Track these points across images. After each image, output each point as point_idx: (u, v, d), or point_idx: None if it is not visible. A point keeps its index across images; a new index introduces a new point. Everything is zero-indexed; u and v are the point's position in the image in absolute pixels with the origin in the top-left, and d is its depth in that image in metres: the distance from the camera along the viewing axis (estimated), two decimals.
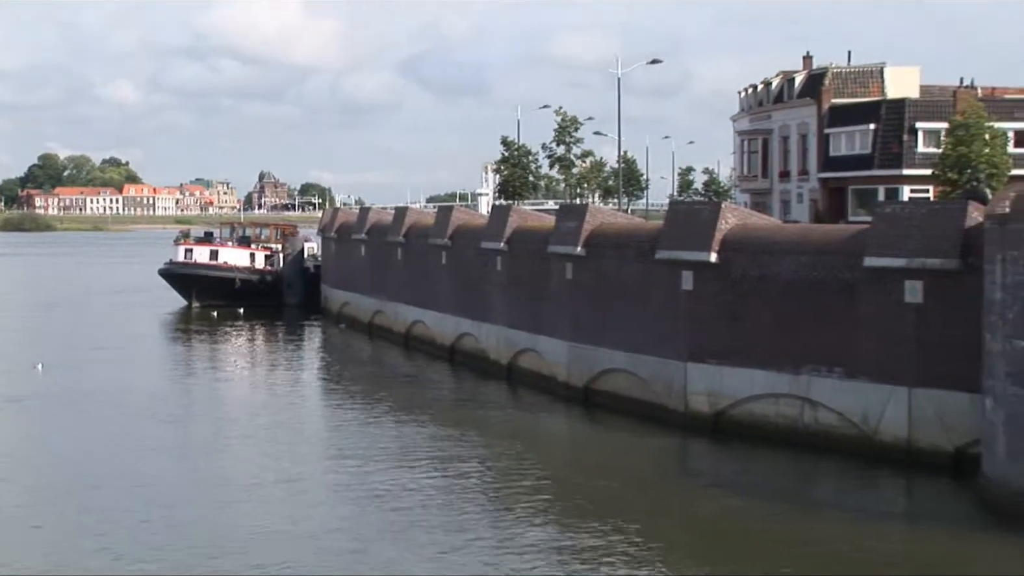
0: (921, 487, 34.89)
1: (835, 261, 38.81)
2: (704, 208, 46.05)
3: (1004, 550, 29.15)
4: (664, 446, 40.80)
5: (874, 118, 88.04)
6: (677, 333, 43.23)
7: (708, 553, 29.43)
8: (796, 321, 39.50)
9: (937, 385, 35.59)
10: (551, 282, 51.34)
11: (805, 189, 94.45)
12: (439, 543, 29.51)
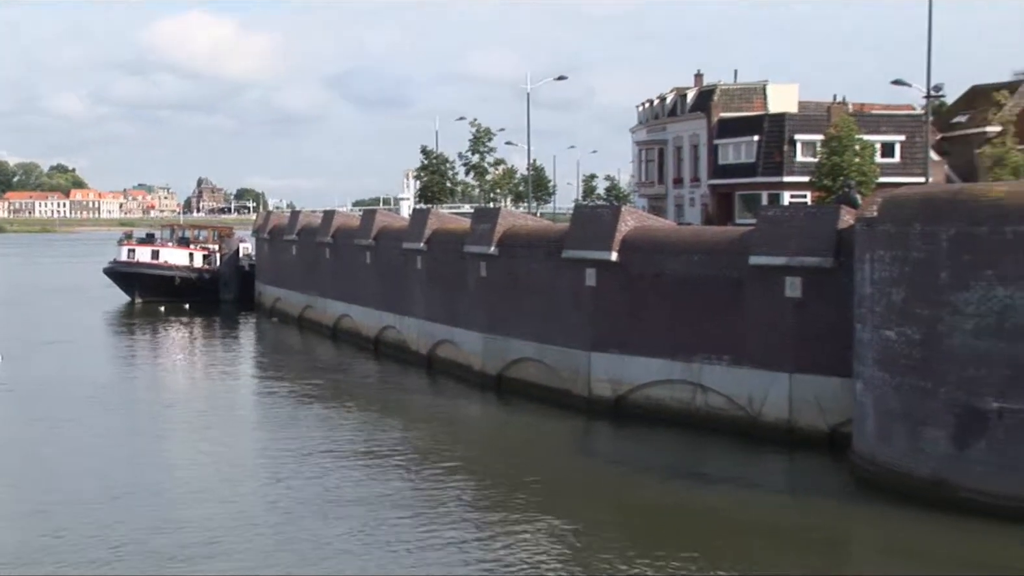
0: (800, 463, 35.28)
1: (724, 260, 39.19)
2: (606, 211, 46.26)
3: (871, 518, 29.50)
4: (570, 428, 41.00)
5: (758, 130, 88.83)
6: (582, 325, 43.48)
7: (609, 523, 29.58)
8: (689, 314, 39.82)
9: (814, 371, 36.09)
10: (467, 279, 51.45)
11: (697, 194, 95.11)
12: (362, 517, 29.53)
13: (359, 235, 65.20)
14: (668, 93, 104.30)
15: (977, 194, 30.80)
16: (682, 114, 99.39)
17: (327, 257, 70.99)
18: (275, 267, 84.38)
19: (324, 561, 26.13)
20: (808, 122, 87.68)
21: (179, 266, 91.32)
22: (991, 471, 28.38)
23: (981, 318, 28.63)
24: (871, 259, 32.03)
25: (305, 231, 76.37)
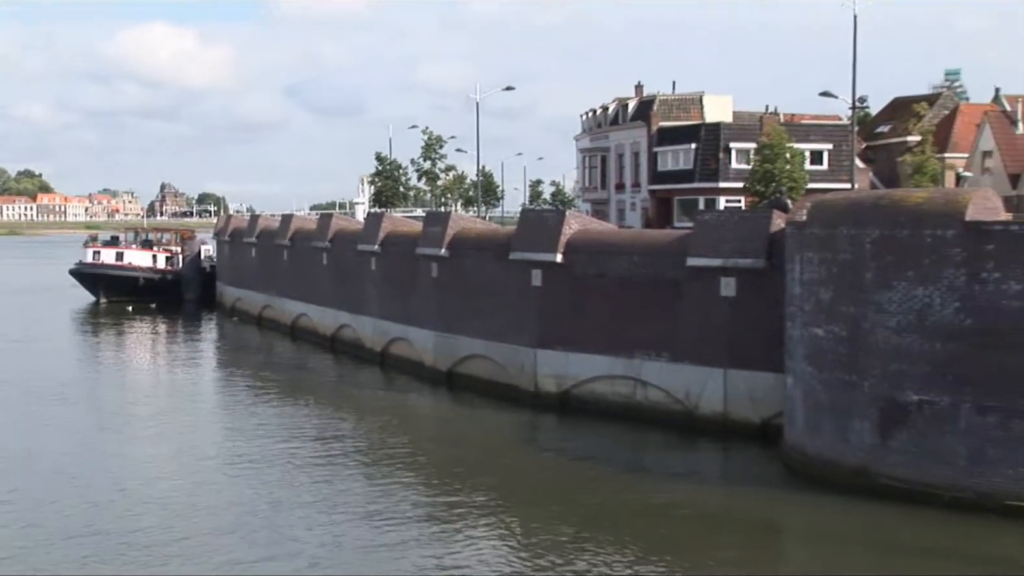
0: (734, 453, 35.50)
1: (663, 261, 39.41)
2: (551, 215, 46.41)
3: (801, 505, 29.85)
4: (517, 421, 41.10)
5: (695, 139, 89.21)
6: (528, 323, 43.60)
7: (555, 512, 29.56)
8: (629, 312, 40.02)
9: (747, 367, 36.38)
10: (419, 279, 51.46)
11: (637, 199, 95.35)
12: (317, 505, 29.59)
13: (316, 238, 65.13)
14: (610, 103, 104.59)
15: (899, 200, 31.17)
16: (623, 123, 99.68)
17: (285, 259, 70.84)
18: (235, 268, 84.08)
19: (276, 545, 26.13)
20: (742, 131, 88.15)
21: (142, 267, 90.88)
22: (912, 459, 28.73)
23: (903, 316, 28.98)
24: (801, 260, 32.33)
25: (264, 234, 76.17)
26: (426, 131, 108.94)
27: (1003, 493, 27.21)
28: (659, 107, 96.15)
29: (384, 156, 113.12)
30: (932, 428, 28.42)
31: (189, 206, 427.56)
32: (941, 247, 28.38)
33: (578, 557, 25.24)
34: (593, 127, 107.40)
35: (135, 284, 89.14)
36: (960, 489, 27.75)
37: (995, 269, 27.62)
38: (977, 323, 27.83)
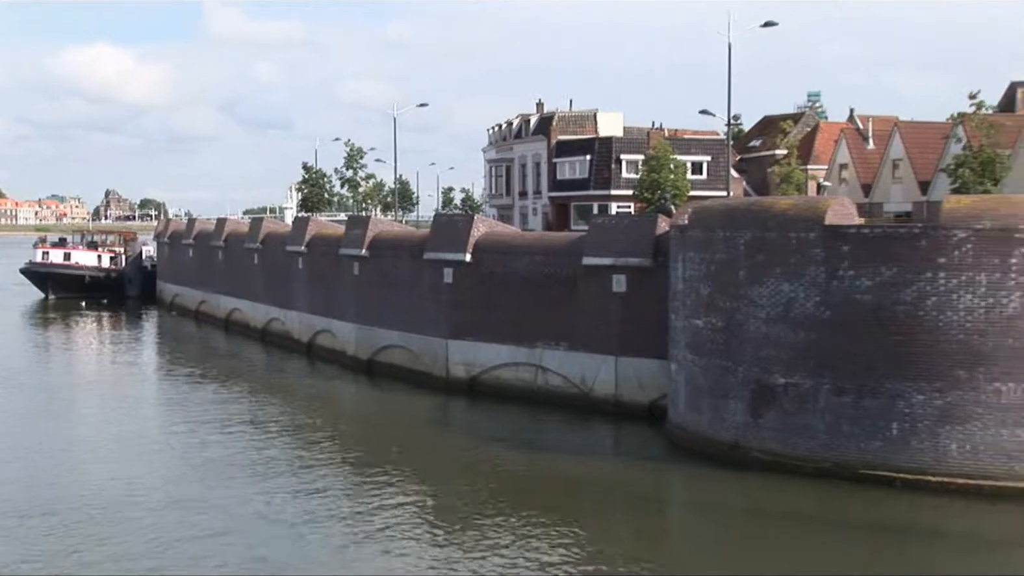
0: (625, 431, 35.73)
1: (561, 260, 39.62)
2: (461, 219, 46.52)
3: (683, 476, 30.37)
4: (431, 404, 41.13)
5: (590, 151, 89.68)
6: (440, 316, 43.64)
7: (463, 484, 29.71)
8: (531, 307, 40.18)
9: (636, 354, 36.65)
10: (342, 277, 51.30)
11: (539, 205, 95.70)
12: (249, 481, 29.38)
13: (248, 239, 64.62)
14: (514, 119, 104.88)
15: (768, 206, 31.64)
16: (526, 136, 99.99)
17: (220, 258, 70.19)
18: (174, 267, 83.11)
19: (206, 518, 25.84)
20: (631, 144, 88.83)
21: (88, 266, 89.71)
22: (779, 435, 29.19)
23: (771, 308, 29.41)
24: (683, 260, 32.69)
25: (201, 236, 75.42)
26: (348, 143, 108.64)
27: (856, 463, 27.74)
28: (558, 122, 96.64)
29: (310, 166, 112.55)
30: (796, 407, 28.90)
31: (132, 211, 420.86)
32: (804, 248, 28.85)
33: (486, 526, 25.33)
34: (499, 140, 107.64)
35: (81, 282, 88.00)
36: (820, 460, 28.25)
37: (849, 267, 28.14)
38: (834, 314, 28.33)
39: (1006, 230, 26.87)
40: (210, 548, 23.66)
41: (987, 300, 26.81)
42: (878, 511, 25.99)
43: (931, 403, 27.18)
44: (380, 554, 23.48)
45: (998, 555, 23.83)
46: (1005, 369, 26.70)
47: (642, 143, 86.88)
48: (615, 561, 23.11)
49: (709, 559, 24.19)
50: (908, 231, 28.50)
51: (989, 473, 26.72)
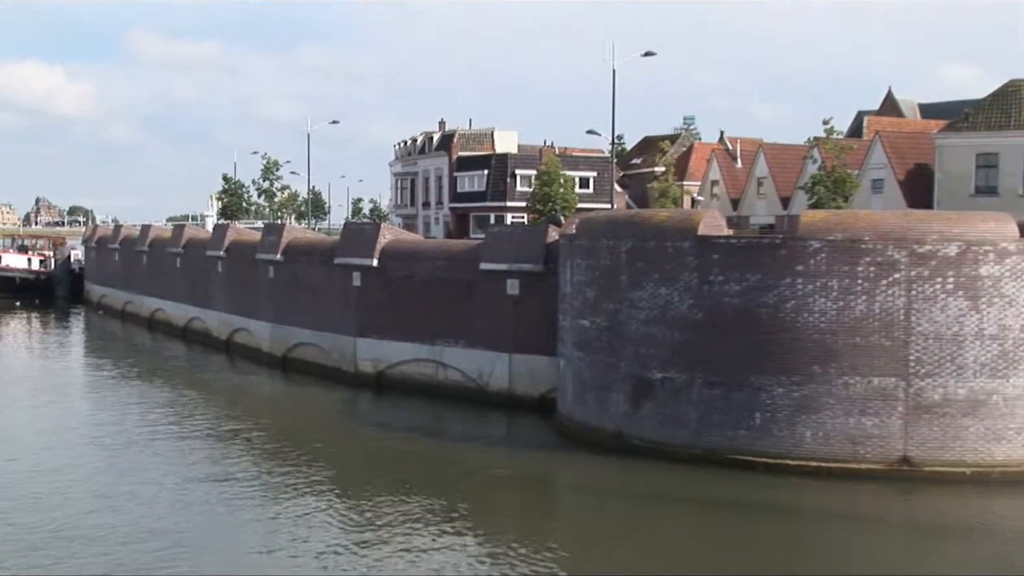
0: (518, 422, 35.75)
1: (460, 265, 39.59)
2: (369, 227, 46.29)
3: (570, 462, 30.49)
4: (341, 397, 40.83)
5: (487, 166, 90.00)
6: (349, 316, 43.36)
7: (369, 469, 29.68)
8: (433, 307, 40.09)
9: (528, 351, 36.72)
10: (258, 280, 50.72)
11: (440, 215, 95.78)
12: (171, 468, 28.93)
13: (171, 244, 63.59)
14: (418, 136, 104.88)
15: (647, 217, 32.01)
16: (429, 152, 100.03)
17: (144, 262, 68.95)
18: (101, 270, 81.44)
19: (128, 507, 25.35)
20: (525, 160, 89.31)
21: (19, 268, 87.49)
22: (656, 424, 29.51)
23: (650, 310, 29.70)
24: (571, 266, 32.88)
25: (126, 241, 74.08)
26: (265, 156, 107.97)
27: (725, 449, 28.17)
28: (458, 140, 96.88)
29: (229, 177, 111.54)
30: (672, 399, 29.24)
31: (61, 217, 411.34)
32: (679, 256, 29.19)
33: (390, 508, 25.22)
34: (404, 155, 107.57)
35: (12, 283, 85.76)
36: (693, 447, 28.62)
37: (719, 273, 28.55)
38: (706, 316, 28.71)
39: (854, 241, 27.51)
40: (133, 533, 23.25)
41: (838, 303, 27.41)
42: (743, 491, 26.43)
43: (790, 395, 27.70)
44: (290, 531, 23.26)
45: (845, 526, 24.37)
46: (852, 364, 27.32)
47: (535, 159, 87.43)
48: (510, 537, 23.16)
49: (595, 536, 24.38)
50: (770, 241, 29.00)
51: (838, 456, 27.33)
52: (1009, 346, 27.31)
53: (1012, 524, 25.10)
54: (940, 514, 25.76)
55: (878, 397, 27.21)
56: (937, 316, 27.19)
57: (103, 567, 20.79)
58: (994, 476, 27.01)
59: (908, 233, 27.50)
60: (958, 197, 61.39)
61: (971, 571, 21.81)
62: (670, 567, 21.70)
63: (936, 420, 27.16)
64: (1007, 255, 27.38)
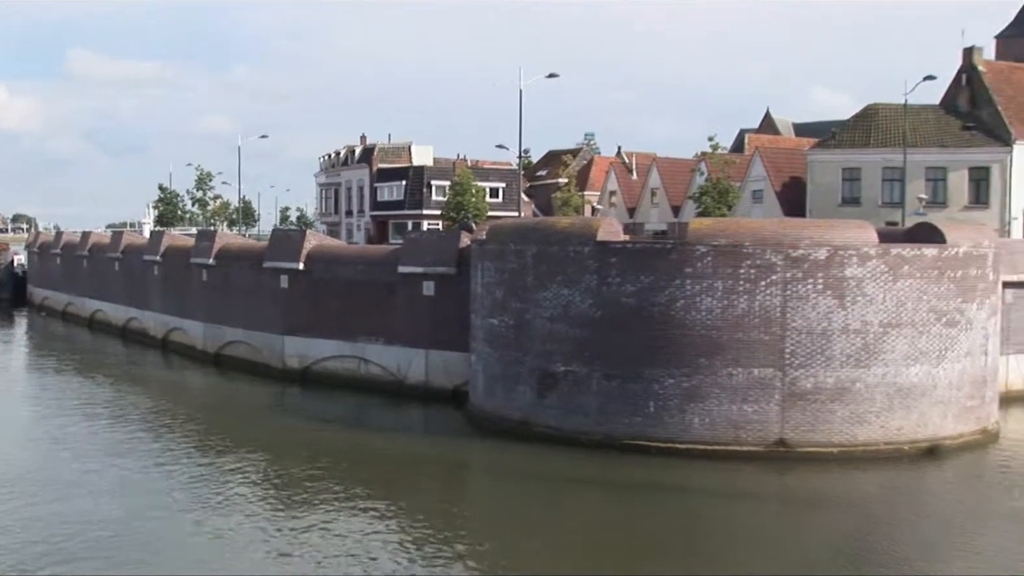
0: (433, 412, 35.72)
1: (380, 268, 39.37)
2: (295, 234, 45.95)
3: (482, 448, 30.55)
4: (270, 391, 40.32)
5: (405, 177, 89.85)
6: (277, 316, 42.87)
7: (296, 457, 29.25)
8: (355, 307, 39.83)
9: (443, 348, 36.66)
10: (192, 282, 49.93)
11: (362, 222, 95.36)
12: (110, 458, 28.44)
13: (110, 249, 62.29)
14: (341, 149, 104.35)
15: (551, 224, 32.20)
16: (351, 164, 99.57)
17: (85, 266, 67.47)
18: (44, 274, 79.51)
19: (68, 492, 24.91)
20: (440, 172, 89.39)
21: None
22: (559, 413, 29.66)
23: (553, 309, 29.83)
24: (481, 268, 32.89)
25: (68, 246, 72.39)
26: (199, 168, 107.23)
27: (621, 435, 28.45)
28: (378, 153, 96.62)
29: (165, 187, 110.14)
30: (574, 390, 29.41)
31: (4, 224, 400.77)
32: (580, 259, 29.38)
33: (316, 492, 25.07)
34: (328, 167, 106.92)
35: None
36: (593, 433, 28.85)
37: (616, 275, 28.80)
38: (604, 314, 28.95)
39: (737, 246, 27.96)
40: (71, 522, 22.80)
41: (722, 302, 27.84)
42: (639, 473, 26.73)
43: (680, 385, 28.05)
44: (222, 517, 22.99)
45: (729, 502, 24.72)
46: (735, 357, 27.78)
47: (449, 171, 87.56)
48: (427, 517, 23.14)
49: (503, 514, 24.51)
50: (662, 246, 29.36)
51: (722, 440, 27.77)
52: (870, 339, 28.04)
53: (873, 496, 25.72)
54: (811, 489, 26.35)
55: (758, 386, 27.71)
56: (809, 313, 27.78)
57: (41, 557, 20.30)
58: (857, 454, 27.75)
59: (784, 239, 28.05)
60: (827, 206, 62.87)
61: (837, 537, 22.31)
62: (573, 542, 21.86)
63: (808, 406, 27.78)
64: (868, 259, 28.10)
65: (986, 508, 25.36)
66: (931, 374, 28.79)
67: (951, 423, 29.31)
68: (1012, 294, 36.79)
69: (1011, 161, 62.73)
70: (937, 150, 62.62)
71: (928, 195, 61.24)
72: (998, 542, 22.20)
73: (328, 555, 20.56)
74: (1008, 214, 62.55)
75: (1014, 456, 30.06)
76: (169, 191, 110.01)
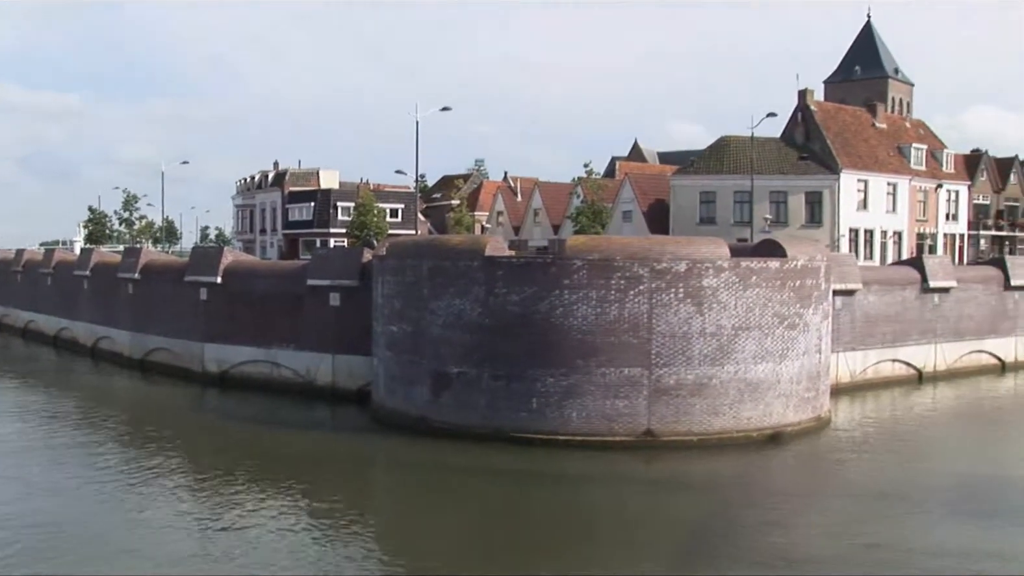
0: (339, 411, 35.15)
1: (291, 281, 38.59)
2: (213, 250, 44.83)
3: (384, 443, 29.98)
4: (191, 394, 39.11)
5: (314, 199, 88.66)
6: (198, 325, 41.63)
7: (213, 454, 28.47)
8: (268, 317, 38.92)
9: (348, 352, 36.13)
10: (119, 295, 48.16)
11: (275, 240, 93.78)
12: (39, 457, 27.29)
13: (42, 265, 59.84)
14: (256, 173, 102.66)
15: (444, 241, 31.94)
16: (265, 187, 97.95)
17: (19, 280, 64.64)
18: None
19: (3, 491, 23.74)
20: (345, 194, 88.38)
21: None
22: (453, 410, 29.39)
23: (447, 317, 29.59)
24: (382, 281, 32.48)
25: (2, 263, 69.15)
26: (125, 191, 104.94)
27: (509, 428, 28.33)
28: (290, 177, 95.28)
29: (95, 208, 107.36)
30: (465, 389, 29.18)
31: None
32: (470, 273, 29.19)
33: (234, 486, 24.37)
34: (244, 190, 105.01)
35: None
36: (483, 428, 28.64)
37: (503, 287, 28.68)
38: (492, 322, 28.77)
39: (608, 260, 28.11)
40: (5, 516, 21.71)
41: (596, 310, 27.94)
42: (524, 462, 26.58)
43: (559, 384, 28.03)
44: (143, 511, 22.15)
45: (603, 486, 24.84)
46: (608, 358, 27.89)
47: (353, 193, 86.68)
48: (334, 507, 22.65)
49: (405, 502, 24.18)
50: (543, 261, 29.32)
51: (597, 432, 27.85)
52: (724, 341, 28.45)
53: (728, 477, 26.08)
54: (675, 473, 26.55)
55: (627, 384, 27.87)
56: (672, 319, 28.06)
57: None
58: (713, 442, 28.11)
59: (649, 253, 28.30)
60: (687, 225, 63.92)
61: (699, 514, 22.50)
62: (467, 526, 21.63)
63: (671, 400, 28.04)
64: (722, 270, 28.52)
65: (819, 485, 26.01)
66: (775, 370, 29.36)
67: (792, 412, 29.93)
68: (841, 300, 37.89)
69: (839, 187, 64.89)
70: (779, 177, 64.37)
71: (772, 215, 62.83)
72: (831, 516, 22.71)
73: (238, 546, 19.84)
74: (837, 231, 64.57)
75: (843, 439, 30.89)
76: (98, 212, 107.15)
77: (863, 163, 67.47)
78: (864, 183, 67.00)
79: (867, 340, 39.99)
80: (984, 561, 19.12)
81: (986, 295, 45.76)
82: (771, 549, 19.88)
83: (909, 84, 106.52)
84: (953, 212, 76.54)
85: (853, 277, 38.96)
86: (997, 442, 32.24)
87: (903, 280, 42.03)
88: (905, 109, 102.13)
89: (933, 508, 23.23)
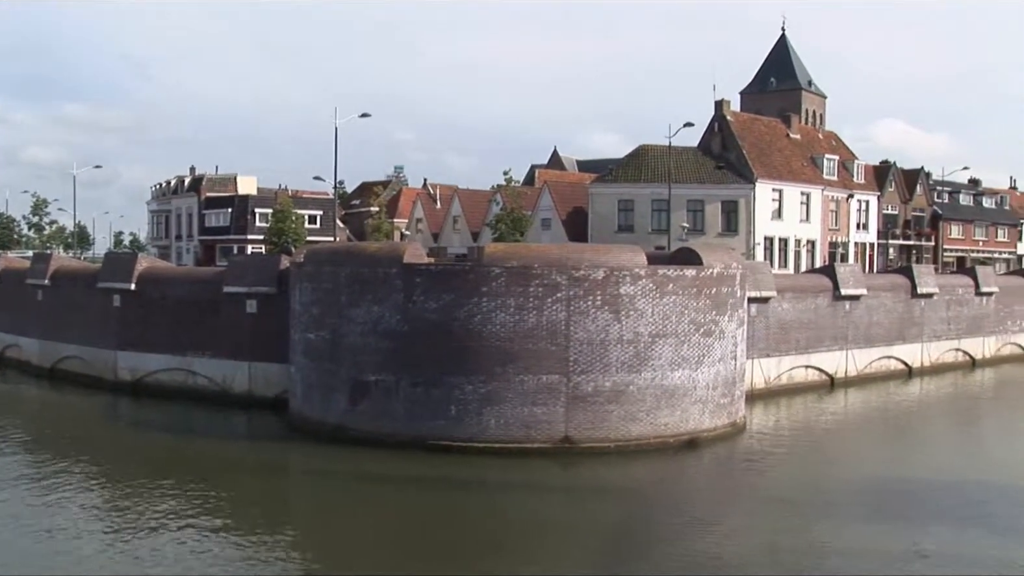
0: (256, 419, 34.56)
1: (207, 288, 37.95)
2: (127, 256, 43.87)
3: (300, 451, 29.71)
4: (103, 402, 38.12)
5: (231, 205, 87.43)
6: (111, 332, 40.61)
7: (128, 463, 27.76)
8: (184, 324, 38.20)
9: (265, 360, 35.69)
10: (28, 302, 46.72)
11: (191, 246, 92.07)
12: None
13: None
14: (172, 179, 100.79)
15: (363, 248, 31.77)
16: (181, 193, 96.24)
17: None
18: None
19: None
20: (263, 201, 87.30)
21: None
22: (371, 418, 29.19)
23: (365, 325, 29.41)
24: (300, 288, 32.12)
25: None
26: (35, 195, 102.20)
27: (427, 436, 28.22)
28: (207, 183, 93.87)
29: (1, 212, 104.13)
30: (384, 396, 29.01)
31: None
32: (388, 279, 29.05)
33: (148, 493, 23.79)
34: (160, 195, 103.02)
35: None
36: (401, 435, 28.48)
37: (421, 294, 28.62)
38: (411, 329, 28.69)
39: (527, 268, 28.24)
40: None
41: (515, 317, 28.03)
42: (442, 469, 26.53)
43: (478, 391, 28.05)
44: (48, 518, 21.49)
45: (521, 492, 24.88)
46: (526, 365, 28.00)
47: (271, 200, 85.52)
48: (250, 516, 22.29)
49: (322, 510, 23.88)
50: (462, 268, 29.33)
51: (515, 439, 27.92)
52: (641, 348, 28.78)
53: (645, 482, 26.38)
54: (592, 479, 26.75)
55: (545, 391, 28.01)
56: (589, 326, 28.29)
57: None
58: (631, 448, 28.41)
59: (568, 261, 28.50)
60: (606, 233, 64.53)
61: (617, 519, 22.69)
62: (385, 533, 21.48)
63: (589, 407, 28.26)
64: (639, 278, 28.86)
65: (735, 489, 26.47)
66: (692, 377, 29.80)
67: (708, 418, 30.41)
68: (755, 308, 38.59)
69: (754, 196, 66.16)
70: (696, 185, 65.39)
71: (689, 224, 63.77)
72: (745, 518, 23.14)
73: (150, 554, 19.42)
74: (752, 240, 65.87)
75: (757, 444, 31.47)
76: (5, 216, 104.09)
77: (777, 173, 68.98)
78: (779, 192, 68.50)
79: (781, 347, 40.84)
80: (894, 560, 19.67)
81: (894, 302, 47.15)
82: (690, 552, 20.17)
83: (822, 96, 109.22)
84: (864, 221, 78.71)
85: (768, 285, 39.76)
86: (904, 446, 33.22)
87: (816, 288, 43.03)
88: (818, 121, 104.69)
89: (843, 510, 23.83)
